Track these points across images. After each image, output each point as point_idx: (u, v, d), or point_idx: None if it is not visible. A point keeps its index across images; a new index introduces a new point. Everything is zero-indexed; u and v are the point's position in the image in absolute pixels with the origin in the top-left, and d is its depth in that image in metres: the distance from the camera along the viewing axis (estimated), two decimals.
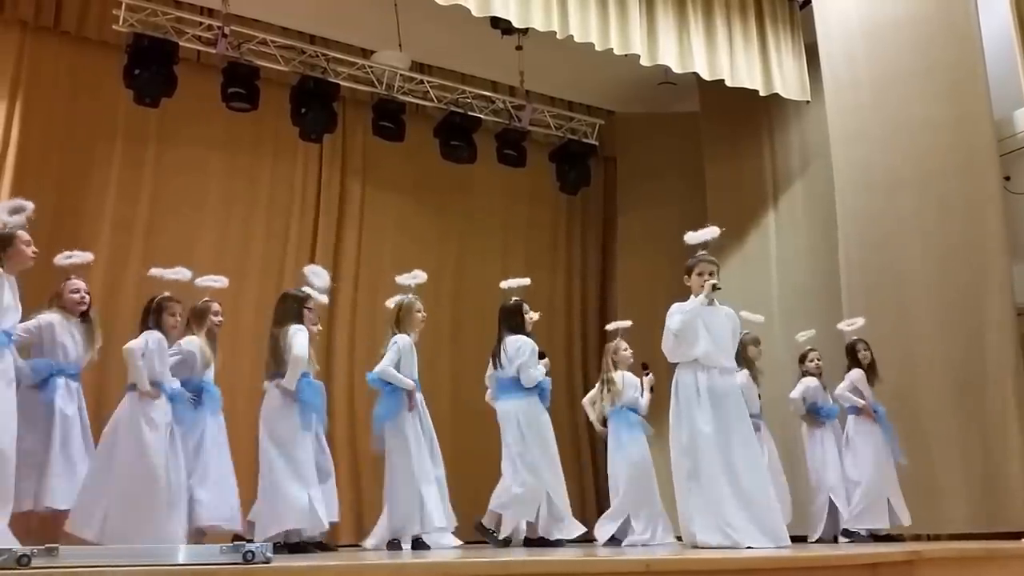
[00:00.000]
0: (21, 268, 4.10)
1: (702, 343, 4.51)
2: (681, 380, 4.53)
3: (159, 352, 4.54)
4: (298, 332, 4.56)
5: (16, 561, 2.33)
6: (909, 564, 3.68)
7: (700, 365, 4.50)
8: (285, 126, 7.07)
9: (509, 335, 5.33)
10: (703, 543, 4.18)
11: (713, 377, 4.49)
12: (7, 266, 3.99)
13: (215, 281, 5.18)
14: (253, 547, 2.62)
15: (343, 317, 7.36)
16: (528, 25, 6.03)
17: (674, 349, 4.54)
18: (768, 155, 7.64)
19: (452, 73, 7.86)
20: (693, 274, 4.65)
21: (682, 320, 4.50)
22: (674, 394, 4.54)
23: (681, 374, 4.55)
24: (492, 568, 2.98)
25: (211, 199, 7.05)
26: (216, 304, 5.09)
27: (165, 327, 4.63)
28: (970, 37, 5.99)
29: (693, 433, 4.40)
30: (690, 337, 4.50)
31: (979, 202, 5.81)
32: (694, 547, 4.25)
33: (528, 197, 8.51)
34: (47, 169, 6.38)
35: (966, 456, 5.58)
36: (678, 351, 4.54)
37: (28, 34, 6.50)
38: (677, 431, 4.48)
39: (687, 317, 4.50)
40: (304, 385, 4.55)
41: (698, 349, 4.50)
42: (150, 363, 4.47)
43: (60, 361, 4.52)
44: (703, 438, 4.37)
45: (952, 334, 5.73)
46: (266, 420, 4.57)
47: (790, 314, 6.91)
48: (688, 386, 4.48)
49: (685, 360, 4.54)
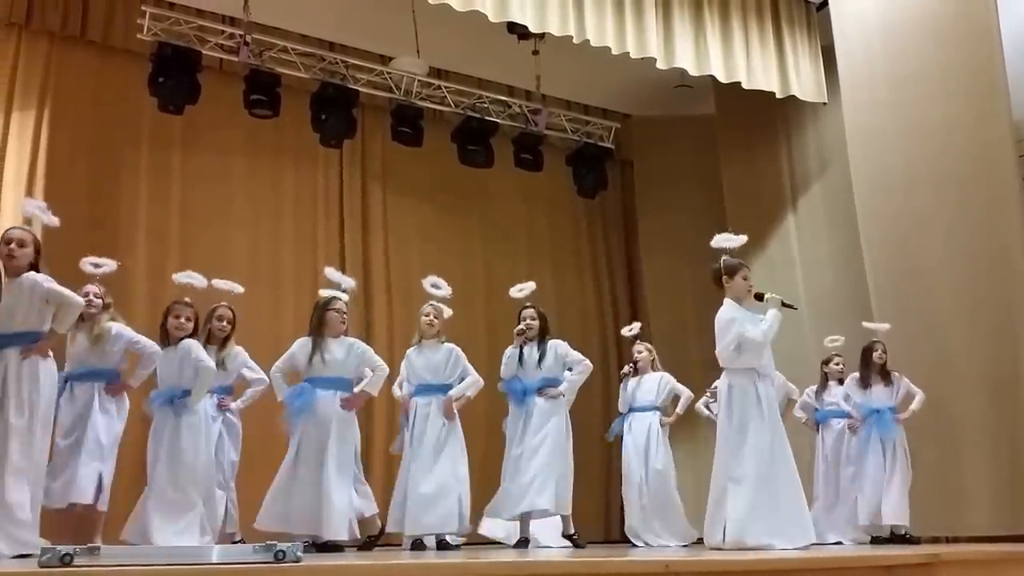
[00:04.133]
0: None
1: (767, 352, 4.47)
2: (739, 387, 4.44)
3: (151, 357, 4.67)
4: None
5: (60, 560, 2.41)
6: (927, 567, 3.66)
7: (758, 374, 4.45)
8: (306, 132, 7.17)
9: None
10: (760, 545, 4.15)
11: (767, 386, 4.48)
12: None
13: (229, 286, 5.24)
14: (284, 547, 2.69)
15: (380, 323, 7.45)
16: (544, 30, 6.09)
17: (739, 356, 4.44)
18: (785, 157, 7.64)
19: (469, 78, 7.94)
20: (737, 276, 4.54)
21: (767, 332, 4.43)
22: (728, 400, 4.46)
23: (739, 381, 4.45)
24: (515, 568, 3.03)
25: (237, 206, 7.15)
26: (223, 309, 5.12)
27: (168, 330, 4.69)
28: (989, 36, 5.97)
29: (749, 441, 4.35)
30: (759, 348, 4.44)
31: (998, 201, 5.78)
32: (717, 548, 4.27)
33: (546, 201, 8.57)
34: (76, 176, 6.50)
35: (995, 458, 5.53)
36: (742, 358, 4.44)
37: (55, 44, 6.62)
38: (729, 437, 4.42)
39: (771, 331, 4.44)
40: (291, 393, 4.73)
41: (763, 358, 4.46)
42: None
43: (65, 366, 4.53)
44: (761, 447, 4.33)
45: (981, 335, 5.69)
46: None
47: (819, 318, 6.85)
48: (748, 394, 4.41)
49: (745, 367, 4.46)
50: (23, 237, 3.90)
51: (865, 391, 5.74)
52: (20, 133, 6.34)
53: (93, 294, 4.65)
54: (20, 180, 6.23)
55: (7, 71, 6.38)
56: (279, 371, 4.81)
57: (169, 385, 4.61)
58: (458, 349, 5.17)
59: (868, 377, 5.74)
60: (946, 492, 5.59)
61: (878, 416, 5.65)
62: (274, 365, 4.86)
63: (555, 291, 8.10)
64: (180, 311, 4.70)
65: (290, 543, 2.73)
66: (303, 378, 4.78)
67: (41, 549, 2.39)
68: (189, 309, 4.75)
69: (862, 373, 5.78)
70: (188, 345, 4.62)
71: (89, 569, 2.38)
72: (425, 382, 5.05)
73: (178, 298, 4.80)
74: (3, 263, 3.92)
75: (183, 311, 4.71)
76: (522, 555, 4.26)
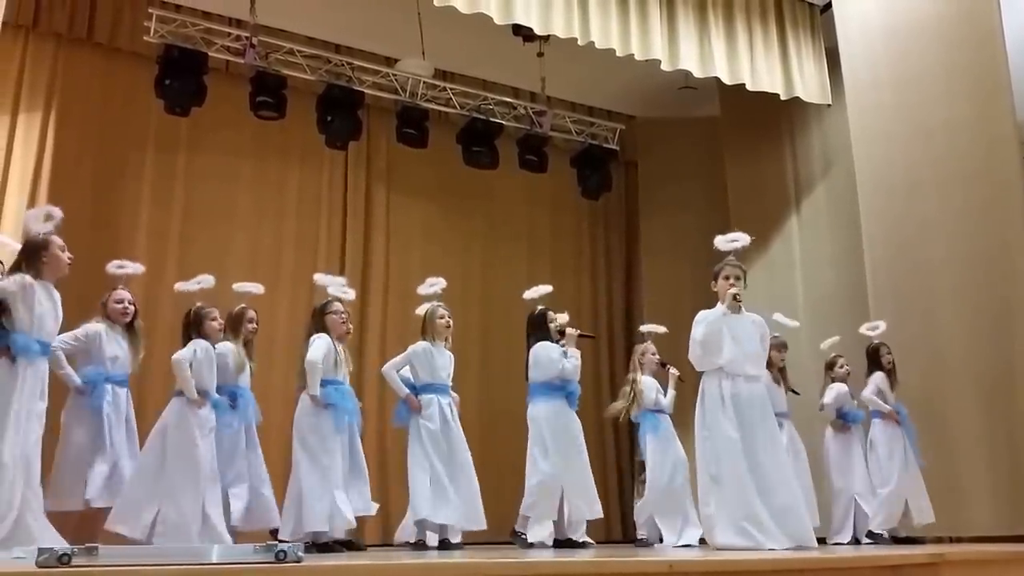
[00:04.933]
0: (58, 275, 4.01)
1: (727, 351, 4.48)
2: (706, 388, 4.52)
3: (207, 361, 4.68)
4: (315, 340, 4.74)
5: (57, 559, 2.41)
6: (932, 566, 3.65)
7: (725, 373, 4.48)
8: (311, 134, 7.18)
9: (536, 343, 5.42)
10: (726, 545, 4.20)
11: (738, 384, 4.47)
12: (45, 273, 3.94)
13: (252, 288, 5.25)
14: (285, 547, 2.69)
15: (374, 322, 7.47)
16: (549, 32, 6.10)
17: (700, 358, 4.53)
18: (789, 159, 7.63)
19: (474, 80, 7.96)
20: (719, 279, 4.61)
21: (705, 330, 4.50)
22: (700, 401, 4.53)
23: (706, 382, 4.54)
24: (518, 568, 3.03)
25: (241, 207, 7.18)
26: (252, 311, 5.16)
27: (209, 333, 4.74)
28: (992, 37, 5.95)
29: (717, 439, 4.39)
30: (714, 346, 4.48)
31: (1002, 203, 5.76)
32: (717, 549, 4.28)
33: (550, 202, 8.58)
34: (81, 178, 6.54)
35: (993, 458, 5.54)
36: (704, 360, 4.52)
37: (62, 46, 6.67)
38: (701, 437, 4.48)
39: (711, 327, 4.50)
40: (331, 391, 4.68)
41: (723, 357, 4.48)
42: (198, 372, 4.62)
43: (107, 369, 4.60)
44: (728, 443, 4.36)
45: (979, 336, 5.69)
46: (296, 427, 4.73)
47: (817, 319, 6.86)
48: (713, 394, 4.46)
49: (710, 368, 4.53)
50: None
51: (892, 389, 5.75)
52: (26, 134, 6.39)
53: (127, 301, 4.73)
54: (25, 181, 6.28)
55: (14, 73, 6.43)
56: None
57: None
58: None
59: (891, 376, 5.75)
60: (946, 492, 5.58)
61: (901, 416, 5.68)
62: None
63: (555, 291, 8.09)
64: (214, 314, 4.82)
65: (291, 543, 2.73)
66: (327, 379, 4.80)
67: (38, 549, 2.39)
68: (217, 310, 4.86)
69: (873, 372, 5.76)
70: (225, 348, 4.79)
71: (87, 569, 2.39)
72: (441, 381, 5.12)
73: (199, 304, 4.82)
74: None
75: (215, 313, 4.83)
76: (525, 554, 4.26)
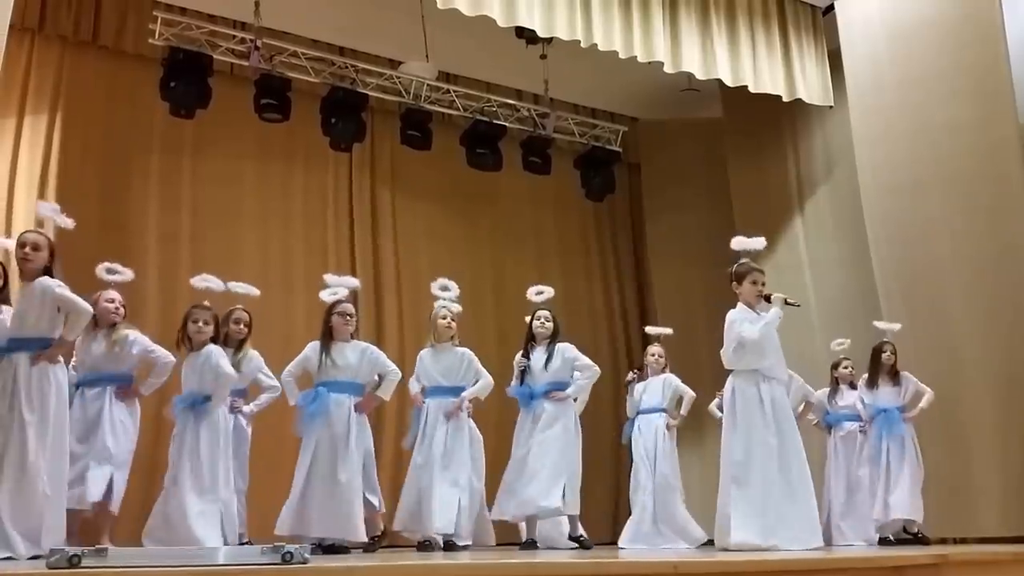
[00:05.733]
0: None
1: (770, 354, 4.47)
2: (742, 390, 4.45)
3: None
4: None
5: (68, 561, 2.44)
6: (935, 567, 3.67)
7: (762, 376, 4.44)
8: (316, 136, 7.20)
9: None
10: (741, 544, 4.18)
11: (774, 388, 4.46)
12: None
13: (246, 289, 5.28)
14: (291, 548, 2.72)
15: (390, 326, 7.49)
16: (552, 34, 6.11)
17: (740, 358, 4.45)
18: (792, 160, 7.64)
19: (478, 82, 7.98)
20: (745, 282, 4.55)
21: (762, 331, 4.43)
22: (731, 403, 4.47)
23: (742, 383, 4.46)
24: (521, 569, 3.05)
25: (248, 209, 7.19)
26: (239, 312, 5.16)
27: (190, 334, 4.73)
28: (994, 38, 5.96)
29: (752, 443, 4.35)
30: (759, 347, 4.44)
31: (1005, 202, 5.77)
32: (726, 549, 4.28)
33: (554, 204, 8.59)
34: (87, 180, 6.56)
35: (1004, 460, 5.53)
36: (744, 360, 4.45)
37: (67, 48, 6.69)
38: (732, 439, 4.42)
39: (768, 329, 4.44)
40: (307, 394, 4.73)
41: (766, 360, 4.45)
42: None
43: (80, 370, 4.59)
44: (765, 448, 4.33)
45: (991, 336, 5.68)
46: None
47: (830, 321, 6.85)
48: (750, 397, 4.41)
49: (747, 369, 4.47)
50: (37, 241, 3.93)
51: (872, 391, 5.76)
52: (32, 137, 6.41)
53: (119, 302, 4.71)
54: (32, 183, 6.30)
55: (20, 76, 6.44)
56: (291, 375, 4.80)
57: (191, 390, 4.65)
58: (471, 352, 5.21)
59: (876, 377, 5.76)
60: (955, 493, 5.59)
61: (884, 416, 5.66)
62: (285, 369, 4.84)
63: (564, 293, 8.03)
64: (199, 315, 4.72)
65: (298, 545, 2.76)
66: (315, 382, 4.80)
67: (49, 551, 2.42)
68: (208, 313, 4.76)
69: (870, 373, 5.79)
70: (210, 351, 4.66)
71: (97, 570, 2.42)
72: (437, 384, 5.09)
73: (197, 302, 4.83)
74: (18, 267, 3.96)
75: (202, 315, 4.73)
76: (529, 556, 4.27)
